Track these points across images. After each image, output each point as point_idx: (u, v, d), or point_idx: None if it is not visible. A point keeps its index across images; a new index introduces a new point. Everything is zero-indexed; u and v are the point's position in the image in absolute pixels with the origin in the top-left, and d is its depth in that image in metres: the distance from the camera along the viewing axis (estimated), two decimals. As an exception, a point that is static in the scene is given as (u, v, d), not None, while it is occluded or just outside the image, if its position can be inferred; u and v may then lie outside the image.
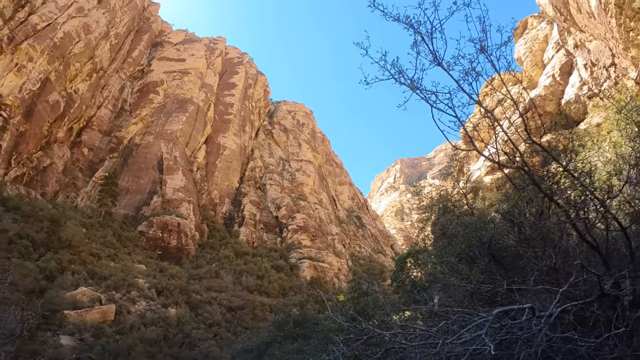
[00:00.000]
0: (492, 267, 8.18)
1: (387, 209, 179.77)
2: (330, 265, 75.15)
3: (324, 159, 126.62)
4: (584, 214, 5.48)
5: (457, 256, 11.00)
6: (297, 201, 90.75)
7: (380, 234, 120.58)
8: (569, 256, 6.02)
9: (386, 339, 6.23)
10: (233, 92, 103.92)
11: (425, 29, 5.94)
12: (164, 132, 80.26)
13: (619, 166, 7.01)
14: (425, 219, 18.03)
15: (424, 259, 15.68)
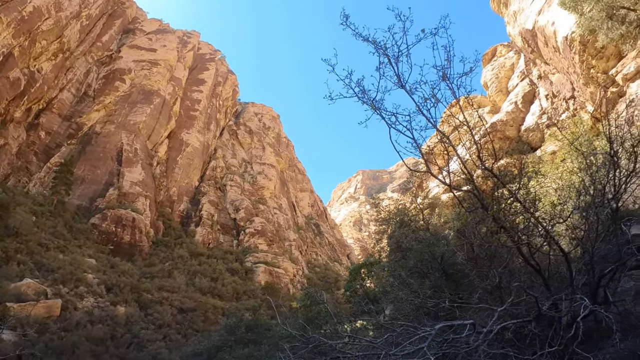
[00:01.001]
0: (443, 282, 8.41)
1: (346, 219, 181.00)
2: (286, 271, 74.84)
3: (287, 164, 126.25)
4: (527, 239, 5.78)
5: (410, 270, 11.24)
6: (257, 205, 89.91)
7: (337, 243, 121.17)
8: (514, 276, 6.30)
9: (331, 348, 6.32)
10: (201, 88, 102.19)
11: (392, 52, 6.18)
12: (126, 122, 77.58)
13: (566, 194, 7.41)
14: (382, 231, 18.32)
15: (377, 271, 15.91)
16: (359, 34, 6.27)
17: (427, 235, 9.72)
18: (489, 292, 5.79)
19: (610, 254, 5.97)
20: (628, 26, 19.19)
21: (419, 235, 10.62)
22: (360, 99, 6.25)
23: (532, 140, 37.73)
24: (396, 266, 14.51)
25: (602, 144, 7.65)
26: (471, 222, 6.47)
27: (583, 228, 6.30)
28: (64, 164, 63.87)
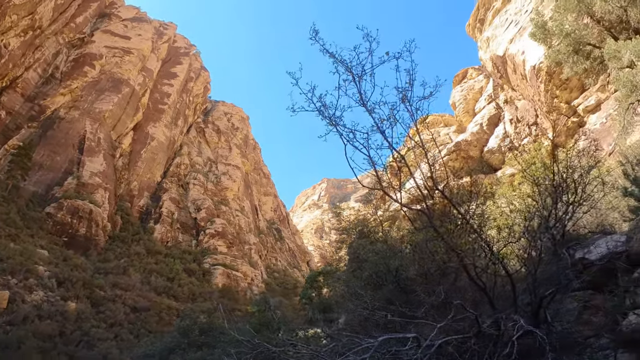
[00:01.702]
0: (396, 295, 8.48)
1: (308, 225, 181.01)
2: (244, 274, 73.94)
3: (253, 167, 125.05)
4: (473, 259, 5.98)
5: (365, 281, 11.32)
6: (219, 205, 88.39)
7: (298, 249, 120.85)
8: (461, 293, 6.49)
9: (276, 356, 6.37)
10: (173, 82, 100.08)
11: (357, 70, 6.33)
12: (92, 109, 74.65)
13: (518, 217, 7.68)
14: (341, 240, 18.42)
15: (333, 280, 15.97)
16: (326, 50, 6.42)
17: (384, 247, 9.82)
18: (435, 307, 5.93)
19: (554, 277, 6.21)
20: (592, 62, 20.16)
21: (375, 247, 10.73)
22: (321, 114, 6.34)
23: (494, 161, 39.10)
24: (351, 276, 14.63)
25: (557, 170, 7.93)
26: (422, 239, 6.63)
27: (526, 251, 6.54)
28: (22, 148, 61.21)
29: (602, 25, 19.71)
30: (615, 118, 18.04)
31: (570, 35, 20.15)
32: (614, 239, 7.83)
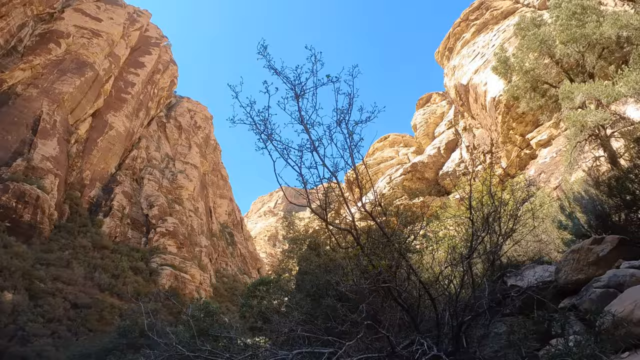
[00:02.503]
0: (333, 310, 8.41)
1: (262, 232, 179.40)
2: (193, 277, 72.06)
3: (211, 168, 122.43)
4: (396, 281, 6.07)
5: (306, 292, 11.21)
6: (173, 204, 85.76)
7: (249, 255, 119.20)
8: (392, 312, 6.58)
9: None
10: (139, 72, 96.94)
11: (299, 89, 6.39)
12: (51, 89, 70.46)
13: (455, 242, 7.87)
14: (290, 250, 18.30)
15: (274, 289, 15.82)
16: (271, 67, 6.51)
17: (327, 260, 9.80)
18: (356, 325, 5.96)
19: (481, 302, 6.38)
20: (547, 100, 21.13)
21: (320, 260, 10.70)
22: (258, 129, 6.40)
23: (447, 184, 40.32)
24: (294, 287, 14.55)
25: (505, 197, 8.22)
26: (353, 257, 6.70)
27: (449, 278, 6.72)
28: (-29, 122, 57.55)
29: (561, 66, 20.67)
30: (564, 154, 18.88)
31: (529, 73, 21.06)
32: (545, 268, 8.21)
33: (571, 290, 7.28)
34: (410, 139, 61.75)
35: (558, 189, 21.48)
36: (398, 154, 58.52)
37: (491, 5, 48.47)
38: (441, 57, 52.02)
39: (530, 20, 23.24)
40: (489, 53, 36.66)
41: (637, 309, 5.08)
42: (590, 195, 9.19)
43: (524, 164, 31.72)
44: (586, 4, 19.97)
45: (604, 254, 7.21)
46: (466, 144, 42.83)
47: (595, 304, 6.17)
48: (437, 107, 58.70)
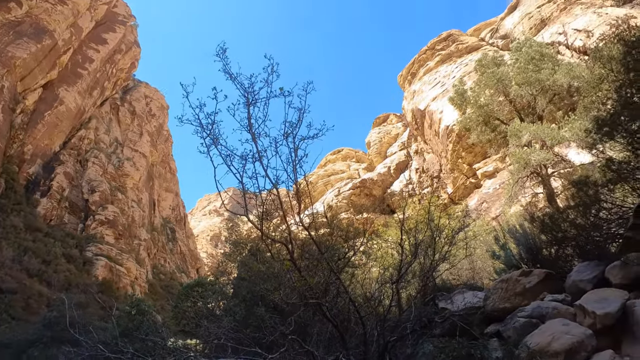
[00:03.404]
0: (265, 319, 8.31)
1: (205, 231, 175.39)
2: (129, 271, 69.03)
3: (160, 159, 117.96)
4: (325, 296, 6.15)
5: (242, 298, 11.02)
6: (115, 192, 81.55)
7: (190, 254, 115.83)
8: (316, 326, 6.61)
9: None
10: (100, 48, 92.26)
11: (251, 97, 6.39)
12: (3, 52, 64.80)
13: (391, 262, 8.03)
14: (230, 253, 17.93)
15: (210, 292, 15.43)
16: (226, 71, 6.47)
17: (263, 268, 9.68)
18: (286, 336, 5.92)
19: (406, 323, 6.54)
20: (497, 135, 22.15)
21: (257, 267, 10.56)
22: (205, 131, 6.35)
23: (393, 203, 41.44)
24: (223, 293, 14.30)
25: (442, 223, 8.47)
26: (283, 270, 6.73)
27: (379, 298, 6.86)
28: None
29: (513, 105, 21.72)
30: (506, 187, 19.78)
31: (483, 108, 22.00)
32: (475, 294, 8.50)
33: (497, 317, 7.55)
34: (363, 155, 62.94)
35: (497, 219, 22.44)
36: (349, 168, 59.41)
37: (458, 39, 50.52)
38: (403, 81, 53.46)
39: (492, 58, 24.36)
40: (449, 83, 38.00)
41: (554, 341, 5.31)
42: (525, 229, 9.63)
43: (469, 192, 33.10)
44: (545, 52, 21.22)
45: (530, 286, 7.53)
46: (416, 166, 44.34)
47: (517, 332, 6.41)
48: (393, 127, 60.31)
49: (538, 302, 6.90)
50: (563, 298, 6.89)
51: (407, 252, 7.24)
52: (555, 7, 41.31)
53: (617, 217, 7.48)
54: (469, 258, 11.31)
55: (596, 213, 7.78)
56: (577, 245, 8.25)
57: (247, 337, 6.90)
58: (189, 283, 21.47)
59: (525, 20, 43.82)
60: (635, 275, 6.08)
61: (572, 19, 36.94)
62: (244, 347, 6.30)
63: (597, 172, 7.73)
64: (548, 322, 6.04)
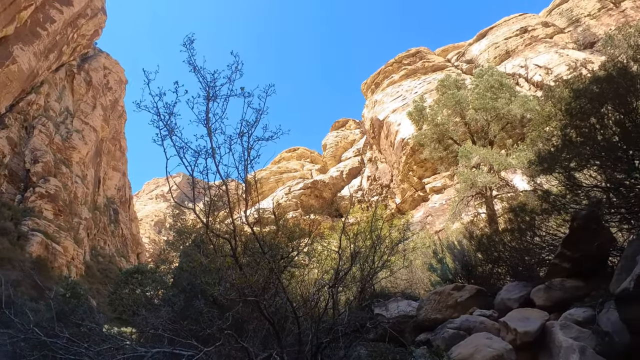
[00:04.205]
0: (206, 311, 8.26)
1: (149, 216, 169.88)
2: (65, 250, 65.65)
3: (111, 135, 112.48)
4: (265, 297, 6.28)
5: (182, 289, 10.83)
6: (60, 165, 77.18)
7: (131, 238, 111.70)
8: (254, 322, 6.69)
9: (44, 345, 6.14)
10: (64, 10, 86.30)
11: (212, 92, 6.39)
12: None
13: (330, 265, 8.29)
14: (174, 241, 17.54)
15: (149, 280, 15.08)
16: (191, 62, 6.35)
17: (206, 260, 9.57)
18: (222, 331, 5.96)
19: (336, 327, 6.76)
20: (448, 153, 23.00)
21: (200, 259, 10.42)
22: (161, 120, 6.24)
23: (342, 207, 42.27)
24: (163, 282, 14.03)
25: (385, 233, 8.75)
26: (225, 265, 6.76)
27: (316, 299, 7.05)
28: None
29: (468, 128, 22.61)
30: (451, 204, 20.58)
31: (439, 126, 22.81)
32: (409, 303, 8.86)
33: (428, 326, 7.89)
34: (318, 156, 63.49)
35: (439, 233, 23.29)
36: (303, 167, 59.74)
37: (425, 56, 52.04)
38: (367, 89, 54.36)
39: (454, 80, 25.30)
40: (410, 98, 39.03)
41: (476, 352, 5.63)
42: (462, 245, 10.11)
43: (416, 205, 34.22)
44: (504, 82, 22.32)
45: (461, 300, 7.91)
46: (368, 174, 45.40)
47: (445, 342, 6.73)
48: (351, 133, 61.34)
49: (467, 316, 7.25)
50: (490, 314, 7.28)
51: (344, 258, 7.46)
52: (521, 42, 43.56)
53: (548, 244, 7.98)
54: (409, 268, 11.72)
55: (530, 239, 8.27)
56: (510, 266, 8.74)
57: (184, 329, 6.86)
58: (128, 269, 20.89)
59: (492, 49, 45.81)
60: (557, 299, 6.52)
61: (535, 55, 39.02)
62: (181, 339, 6.27)
63: (535, 201, 8.23)
64: (474, 335, 6.38)
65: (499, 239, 8.97)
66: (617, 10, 42.28)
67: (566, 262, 6.72)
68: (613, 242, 6.69)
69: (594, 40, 38.22)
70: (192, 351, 5.74)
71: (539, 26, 45.43)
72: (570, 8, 46.19)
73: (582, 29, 42.38)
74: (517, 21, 48.57)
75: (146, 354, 5.65)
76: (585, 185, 6.62)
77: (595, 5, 43.69)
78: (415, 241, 14.49)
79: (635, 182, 5.73)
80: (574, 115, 6.15)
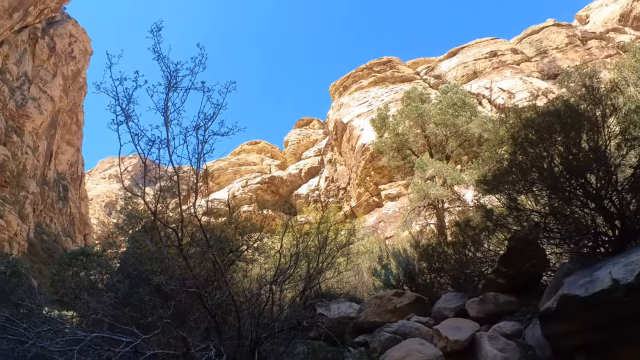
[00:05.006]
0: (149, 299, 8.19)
1: (101, 196, 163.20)
2: (8, 225, 61.96)
3: (69, 108, 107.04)
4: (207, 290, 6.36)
5: (127, 275, 10.63)
6: (11, 133, 72.97)
7: (80, 218, 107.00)
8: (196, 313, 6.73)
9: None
10: None
11: (173, 82, 6.35)
12: None
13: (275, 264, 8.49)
14: (122, 225, 17.13)
15: (90, 263, 14.65)
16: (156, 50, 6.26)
17: (154, 248, 9.44)
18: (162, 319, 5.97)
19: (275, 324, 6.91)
20: (406, 163, 23.63)
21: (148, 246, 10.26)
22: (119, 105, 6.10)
23: (298, 205, 42.62)
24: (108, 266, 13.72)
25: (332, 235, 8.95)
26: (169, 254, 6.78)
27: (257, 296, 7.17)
28: None
29: (427, 141, 23.30)
30: (403, 212, 21.16)
31: (399, 136, 23.40)
32: (350, 305, 9.11)
33: (367, 329, 8.13)
34: (279, 152, 63.46)
35: (389, 239, 23.86)
36: (262, 162, 59.50)
37: (396, 66, 53.04)
38: (335, 91, 54.81)
39: (419, 93, 26.04)
40: (376, 105, 39.69)
41: (407, 356, 5.88)
42: (407, 254, 10.47)
43: (370, 209, 34.94)
44: (467, 101, 23.19)
45: (401, 306, 8.21)
46: (327, 174, 45.91)
47: (382, 345, 6.97)
48: (314, 132, 61.63)
49: (404, 321, 7.54)
50: (426, 321, 7.59)
51: (286, 258, 7.61)
52: (490, 64, 45.32)
53: (489, 259, 8.41)
54: (356, 271, 11.98)
55: (473, 253, 8.68)
56: (452, 277, 9.13)
57: (126, 316, 6.81)
58: (73, 251, 20.22)
59: (460, 68, 47.30)
60: (489, 311, 6.89)
61: (501, 79, 40.70)
62: (121, 325, 6.23)
63: (479, 217, 8.64)
64: (408, 339, 6.64)
65: (442, 250, 9.36)
66: (583, 47, 44.92)
67: (501, 278, 7.11)
68: (546, 263, 7.15)
69: (557, 72, 40.22)
70: (131, 338, 5.70)
71: (509, 52, 47.40)
72: (540, 39, 48.65)
73: (549, 60, 44.62)
74: (489, 44, 50.41)
75: (85, 338, 5.57)
76: (526, 209, 7.02)
77: (564, 40, 46.33)
78: (365, 245, 14.82)
79: (571, 212, 6.14)
80: (518, 143, 6.54)
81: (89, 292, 9.05)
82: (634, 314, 3.98)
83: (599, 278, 4.37)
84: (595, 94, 5.97)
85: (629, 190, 5.50)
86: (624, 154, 5.72)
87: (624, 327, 4.15)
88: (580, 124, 5.86)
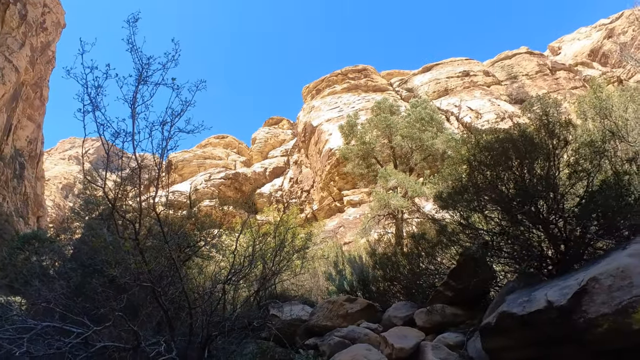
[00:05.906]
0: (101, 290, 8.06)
1: (58, 177, 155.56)
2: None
3: (34, 81, 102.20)
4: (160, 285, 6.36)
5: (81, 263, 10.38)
6: None
7: (34, 199, 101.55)
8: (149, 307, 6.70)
9: None
10: None
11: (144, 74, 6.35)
12: None
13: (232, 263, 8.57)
14: (79, 210, 16.55)
15: (43, 249, 14.11)
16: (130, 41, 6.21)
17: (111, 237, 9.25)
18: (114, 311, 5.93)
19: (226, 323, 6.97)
20: (370, 172, 24.01)
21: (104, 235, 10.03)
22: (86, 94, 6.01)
23: (260, 204, 42.62)
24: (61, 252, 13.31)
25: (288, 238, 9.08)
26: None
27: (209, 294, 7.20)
28: None
29: (393, 152, 23.76)
30: (363, 219, 21.52)
31: (366, 145, 23.77)
32: (303, 308, 9.26)
33: (318, 332, 8.29)
34: (245, 149, 62.97)
35: (347, 245, 24.19)
36: (228, 157, 58.83)
37: (370, 75, 53.70)
38: (308, 93, 54.96)
39: (389, 105, 26.49)
40: (346, 111, 40.12)
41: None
42: (363, 261, 10.70)
43: (332, 214, 35.26)
44: (435, 117, 23.77)
45: (352, 312, 8.41)
46: (291, 176, 46.00)
47: (331, 348, 7.13)
48: (282, 132, 61.55)
49: (354, 327, 7.74)
50: (376, 327, 7.81)
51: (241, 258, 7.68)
52: (461, 83, 46.69)
53: (441, 272, 8.74)
54: (313, 274, 12.13)
55: (426, 265, 8.99)
56: (404, 286, 9.40)
57: (78, 306, 6.69)
58: (25, 234, 19.32)
59: (433, 84, 48.42)
60: (435, 322, 7.18)
61: (470, 98, 42.00)
62: (73, 316, 6.12)
63: (434, 232, 8.96)
64: (356, 345, 6.83)
65: (397, 260, 9.63)
66: (551, 76, 46.99)
67: (449, 291, 7.41)
68: (494, 279, 7.50)
69: (524, 97, 41.81)
70: (82, 329, 5.63)
71: (480, 74, 48.88)
72: (511, 65, 50.63)
73: (518, 85, 46.42)
74: (462, 64, 51.83)
75: (35, 326, 5.46)
76: (477, 228, 7.35)
77: (534, 68, 48.39)
78: (323, 249, 14.99)
79: (520, 233, 6.47)
80: (473, 166, 6.86)
81: (40, 279, 8.81)
82: (566, 334, 4.23)
83: (536, 298, 4.64)
84: (550, 127, 6.34)
85: (575, 217, 5.85)
86: (573, 183, 6.08)
87: (559, 345, 4.41)
88: (536, 154, 6.20)
